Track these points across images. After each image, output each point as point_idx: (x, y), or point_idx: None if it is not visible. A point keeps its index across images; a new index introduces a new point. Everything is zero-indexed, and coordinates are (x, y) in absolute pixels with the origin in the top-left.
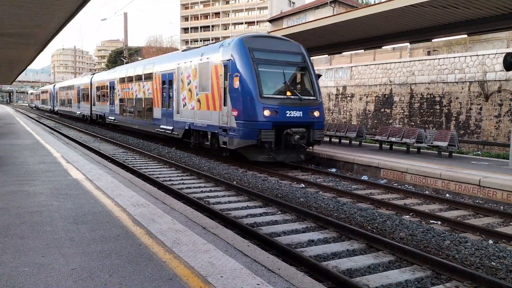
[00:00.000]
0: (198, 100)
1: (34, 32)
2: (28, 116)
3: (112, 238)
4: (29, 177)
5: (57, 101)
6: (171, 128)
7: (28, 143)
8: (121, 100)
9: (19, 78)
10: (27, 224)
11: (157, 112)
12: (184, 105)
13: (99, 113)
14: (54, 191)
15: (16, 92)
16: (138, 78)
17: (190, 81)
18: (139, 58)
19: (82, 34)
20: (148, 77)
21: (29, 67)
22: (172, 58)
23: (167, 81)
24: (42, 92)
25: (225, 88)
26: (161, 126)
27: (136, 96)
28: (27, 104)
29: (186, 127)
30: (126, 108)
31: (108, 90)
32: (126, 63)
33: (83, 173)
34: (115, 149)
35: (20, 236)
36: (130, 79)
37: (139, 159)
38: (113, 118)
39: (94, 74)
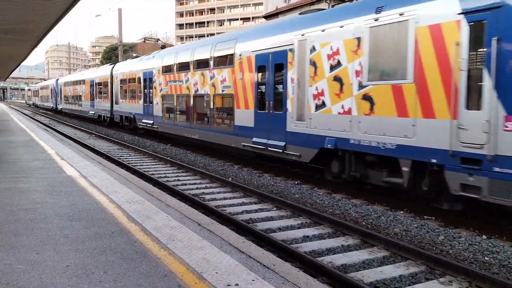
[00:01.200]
0: (366, 97)
1: (27, 28)
2: (22, 113)
3: (107, 235)
4: (23, 174)
5: (61, 98)
6: (281, 144)
7: (22, 140)
8: (165, 98)
9: (13, 74)
10: (21, 221)
11: (243, 117)
12: (319, 106)
13: (125, 114)
14: (48, 188)
15: (10, 89)
16: (201, 64)
17: (337, 62)
18: (134, 55)
19: (76, 30)
20: (222, 61)
21: (23, 63)
22: (282, 27)
23: (271, 66)
24: (42, 88)
25: (470, 71)
26: (256, 140)
27: (196, 91)
28: (24, 102)
29: (325, 145)
30: (175, 109)
31: (141, 84)
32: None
33: (77, 170)
34: (110, 146)
35: (14, 233)
36: (183, 67)
37: (134, 156)
38: (150, 122)
39: (114, 64)
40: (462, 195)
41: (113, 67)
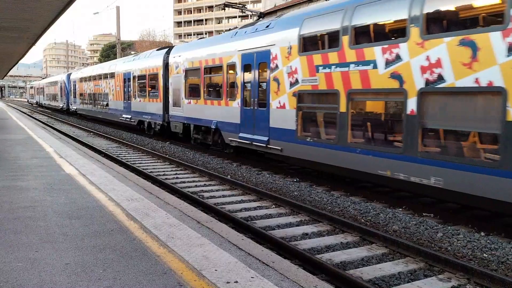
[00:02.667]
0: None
1: (25, 26)
2: (21, 111)
3: (106, 232)
4: (22, 172)
5: (75, 97)
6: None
7: (20, 138)
8: (307, 97)
9: (11, 72)
10: (20, 220)
11: None
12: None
13: (194, 121)
14: (47, 186)
15: (8, 87)
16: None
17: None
18: (132, 53)
19: (74, 28)
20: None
21: (21, 61)
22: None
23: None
24: (48, 85)
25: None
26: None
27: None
28: (26, 100)
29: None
30: (342, 119)
31: (236, 74)
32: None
33: (76, 168)
34: (108, 144)
35: (13, 232)
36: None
37: (132, 153)
38: (263, 139)
39: (169, 48)
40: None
41: (168, 52)
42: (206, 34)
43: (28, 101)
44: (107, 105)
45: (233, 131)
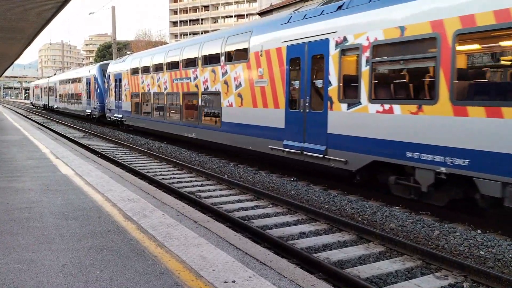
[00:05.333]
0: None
1: (20, 26)
2: (17, 112)
3: (103, 233)
4: (18, 173)
5: (119, 99)
6: None
7: (16, 139)
8: None
9: (6, 73)
10: (16, 221)
11: None
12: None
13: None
14: (43, 187)
15: (4, 87)
16: None
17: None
18: (128, 52)
19: (69, 28)
20: None
21: (16, 62)
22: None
23: None
24: (64, 82)
25: None
26: None
27: None
28: (30, 102)
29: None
30: None
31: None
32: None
33: (72, 168)
34: (104, 144)
35: (10, 233)
36: None
37: (129, 154)
38: None
39: None
40: None
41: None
42: (202, 33)
43: (32, 103)
44: (215, 116)
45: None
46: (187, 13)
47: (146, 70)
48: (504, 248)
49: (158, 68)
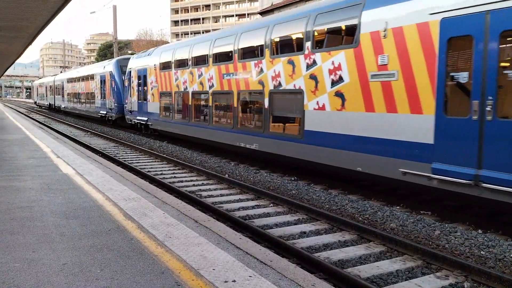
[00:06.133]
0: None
1: (22, 25)
2: (18, 111)
3: (103, 232)
4: (19, 172)
5: (145, 100)
6: None
7: (17, 138)
8: None
9: (7, 72)
10: (17, 220)
11: None
12: None
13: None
14: (44, 186)
15: (5, 86)
16: None
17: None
18: (129, 52)
19: (70, 27)
20: None
21: (18, 61)
22: None
23: None
24: (72, 81)
25: None
26: None
27: None
28: (33, 102)
29: None
30: None
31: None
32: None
33: (73, 167)
34: (105, 144)
35: (10, 232)
36: None
37: (130, 153)
38: None
39: None
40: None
41: None
42: (203, 32)
43: (36, 103)
44: (292, 122)
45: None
46: (188, 12)
47: (182, 64)
48: (505, 248)
49: (200, 61)
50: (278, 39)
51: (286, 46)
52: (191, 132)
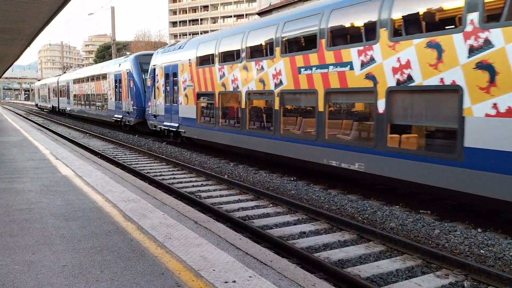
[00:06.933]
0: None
1: (19, 27)
2: (16, 113)
3: (103, 234)
4: (18, 175)
5: (175, 102)
6: None
7: (16, 140)
8: None
9: (6, 74)
10: (16, 222)
11: None
12: None
13: None
14: (43, 188)
15: (3, 89)
16: None
17: None
18: (128, 53)
19: (69, 29)
20: None
21: (16, 63)
22: None
23: None
24: (80, 81)
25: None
26: None
27: None
28: (35, 104)
29: None
30: None
31: None
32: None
33: (72, 169)
34: (104, 145)
35: (10, 234)
36: None
37: (129, 154)
38: None
39: None
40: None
41: None
42: (201, 33)
43: (37, 105)
44: (432, 135)
45: None
46: (186, 13)
47: (230, 57)
48: (505, 247)
49: (260, 52)
50: (408, 12)
51: (424, 22)
52: (244, 142)
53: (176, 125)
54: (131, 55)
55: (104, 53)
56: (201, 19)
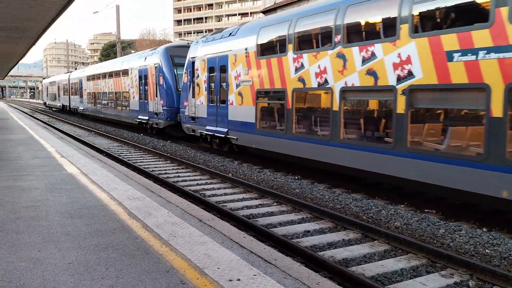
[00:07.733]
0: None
1: (26, 26)
2: (22, 111)
3: (108, 231)
4: (24, 172)
5: (223, 101)
6: None
7: (22, 138)
8: None
9: (11, 72)
10: (22, 219)
11: None
12: None
13: None
14: (49, 186)
15: (9, 87)
16: None
17: None
18: (132, 51)
19: (74, 27)
20: None
21: (21, 61)
22: None
23: None
24: (95, 78)
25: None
26: None
27: None
28: (43, 103)
29: None
30: None
31: None
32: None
33: (77, 167)
34: (109, 143)
35: (16, 231)
36: None
37: (134, 152)
38: None
39: None
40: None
41: None
42: (206, 31)
43: (45, 104)
44: None
45: None
46: (191, 11)
47: (313, 42)
48: (510, 247)
49: (368, 33)
50: None
51: None
52: (335, 157)
53: (225, 130)
54: (160, 47)
55: (109, 52)
56: (206, 18)
